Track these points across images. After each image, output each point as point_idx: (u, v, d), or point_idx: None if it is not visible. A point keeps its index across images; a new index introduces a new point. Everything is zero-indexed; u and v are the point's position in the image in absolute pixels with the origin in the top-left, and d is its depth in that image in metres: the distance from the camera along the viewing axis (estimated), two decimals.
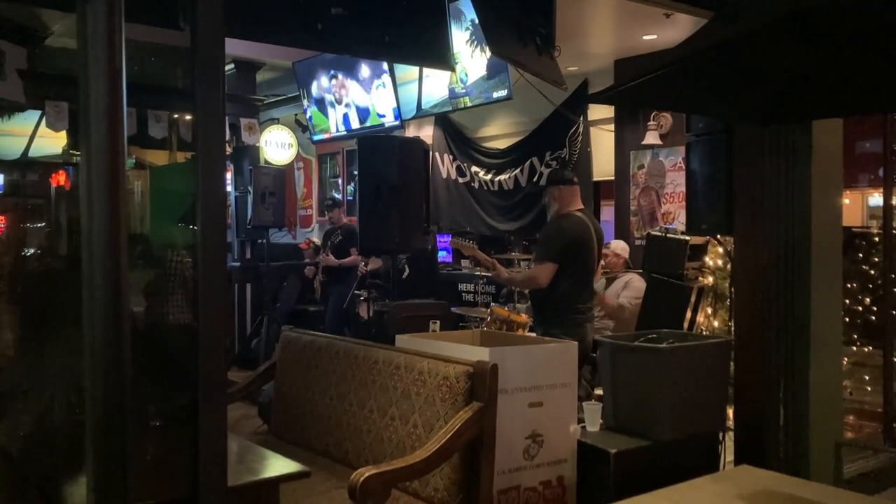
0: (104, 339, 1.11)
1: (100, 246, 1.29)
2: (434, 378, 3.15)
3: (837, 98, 2.57)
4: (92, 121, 1.35)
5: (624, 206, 6.52)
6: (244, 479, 2.68)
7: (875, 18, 2.02)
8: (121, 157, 1.40)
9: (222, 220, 1.96)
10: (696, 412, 3.40)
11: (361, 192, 4.32)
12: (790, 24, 1.98)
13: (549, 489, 3.29)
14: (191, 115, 2.11)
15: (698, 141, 3.80)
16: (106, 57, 1.38)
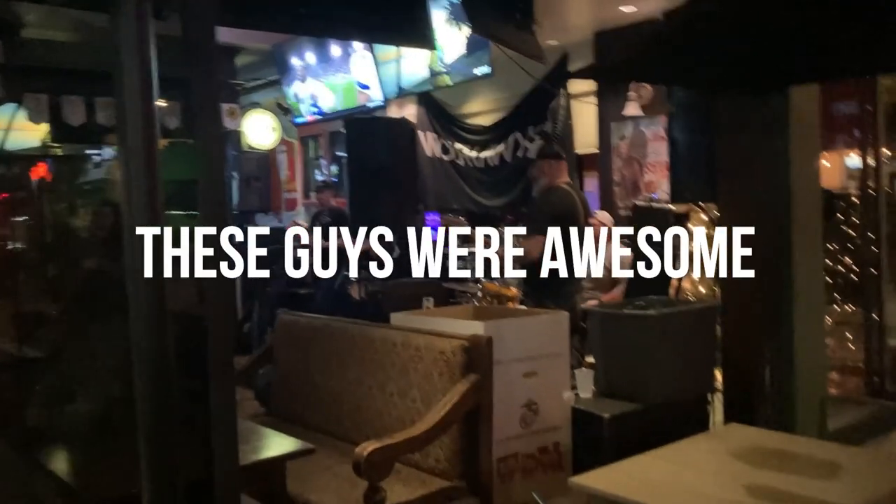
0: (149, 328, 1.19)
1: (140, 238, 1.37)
2: (431, 353, 3.23)
3: (814, 64, 2.64)
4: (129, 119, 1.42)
5: (607, 178, 6.60)
6: (250, 458, 2.76)
7: None
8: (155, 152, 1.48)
9: (224, 205, 2.01)
10: (684, 375, 3.51)
11: (351, 173, 4.37)
12: None
13: (545, 455, 3.40)
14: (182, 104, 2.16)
15: (679, 111, 3.87)
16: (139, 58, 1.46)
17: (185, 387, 2.40)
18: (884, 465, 2.87)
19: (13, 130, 9.39)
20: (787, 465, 2.65)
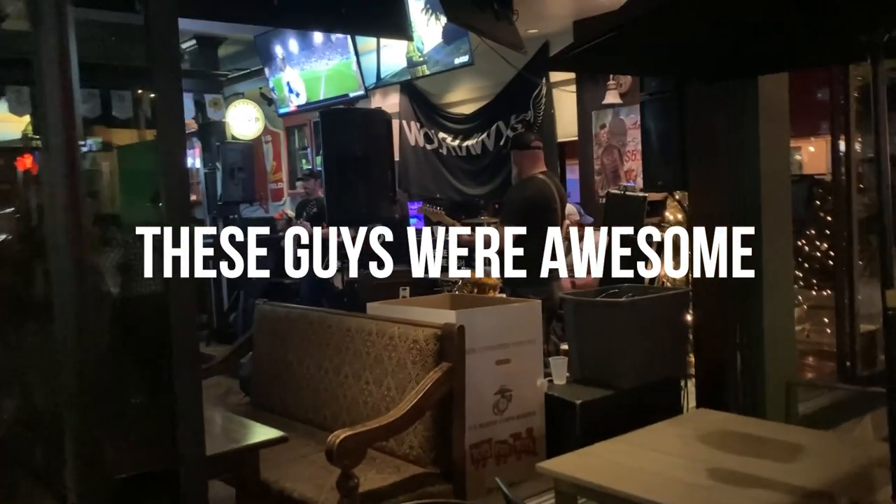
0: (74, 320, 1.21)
1: (62, 228, 1.38)
2: (405, 342, 3.27)
3: (780, 52, 2.68)
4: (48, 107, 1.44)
5: (588, 166, 6.65)
6: (226, 447, 2.79)
7: None
8: (75, 141, 1.50)
9: (186, 195, 2.03)
10: (656, 361, 3.56)
11: (326, 164, 4.40)
12: None
13: (519, 441, 3.44)
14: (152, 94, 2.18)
15: (651, 99, 3.90)
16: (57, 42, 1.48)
17: (150, 377, 2.44)
18: (847, 448, 2.93)
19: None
20: (752, 449, 2.70)
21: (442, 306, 3.67)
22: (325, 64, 7.91)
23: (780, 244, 3.62)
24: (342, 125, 4.27)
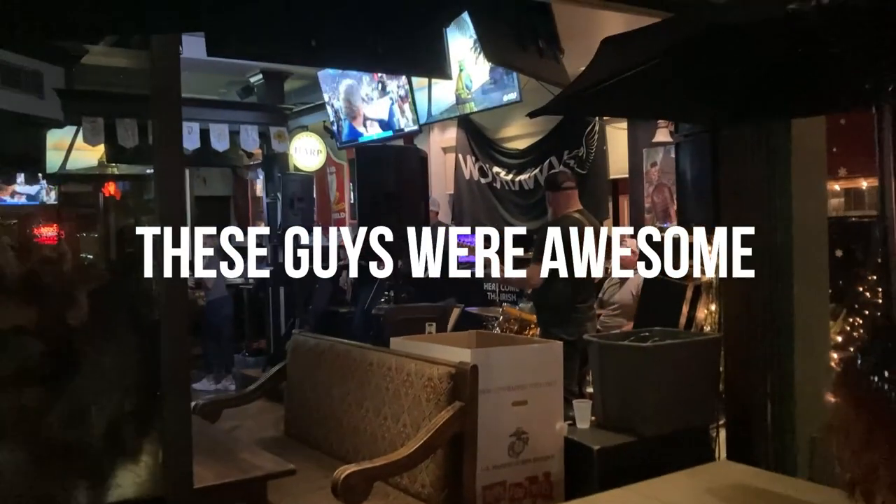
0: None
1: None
2: (420, 379, 3.29)
3: (787, 100, 2.62)
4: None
5: (638, 203, 6.56)
6: (233, 476, 2.86)
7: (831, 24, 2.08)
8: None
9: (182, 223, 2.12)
10: (682, 408, 3.47)
11: (360, 200, 4.49)
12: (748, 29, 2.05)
13: (535, 485, 3.39)
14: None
15: (686, 141, 3.86)
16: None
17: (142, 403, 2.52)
18: None
19: (77, 150, 9.89)
20: None
21: (464, 344, 3.66)
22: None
23: (814, 291, 3.49)
24: (376, 162, 4.36)
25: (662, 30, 2.17)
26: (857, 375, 1.12)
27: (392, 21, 4.09)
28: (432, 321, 4.13)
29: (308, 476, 3.42)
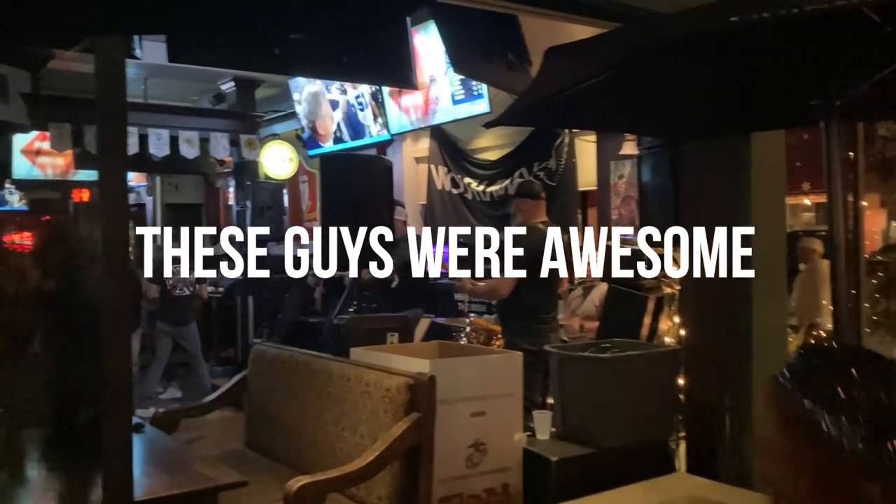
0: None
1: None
2: (378, 390, 3.26)
3: (740, 116, 2.64)
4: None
5: (606, 215, 6.59)
6: (184, 487, 2.80)
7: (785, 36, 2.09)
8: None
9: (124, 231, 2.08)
10: (642, 420, 3.46)
11: (324, 208, 4.46)
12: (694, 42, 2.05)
13: (493, 496, 3.37)
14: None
15: (648, 153, 3.88)
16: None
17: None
18: None
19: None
20: None
21: (425, 355, 3.64)
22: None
23: (772, 305, 3.51)
24: (341, 171, 4.34)
25: (611, 41, 2.17)
26: (784, 391, 1.11)
27: (357, 31, 4.10)
28: (395, 331, 4.10)
29: (264, 488, 3.37)
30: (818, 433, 1.04)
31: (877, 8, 1.89)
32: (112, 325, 1.99)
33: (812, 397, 1.06)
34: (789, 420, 1.10)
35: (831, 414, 1.03)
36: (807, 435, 1.06)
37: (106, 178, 2.00)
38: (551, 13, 3.32)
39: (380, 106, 7.23)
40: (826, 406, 1.04)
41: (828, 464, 1.03)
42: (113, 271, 2.01)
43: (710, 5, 1.75)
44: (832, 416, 1.03)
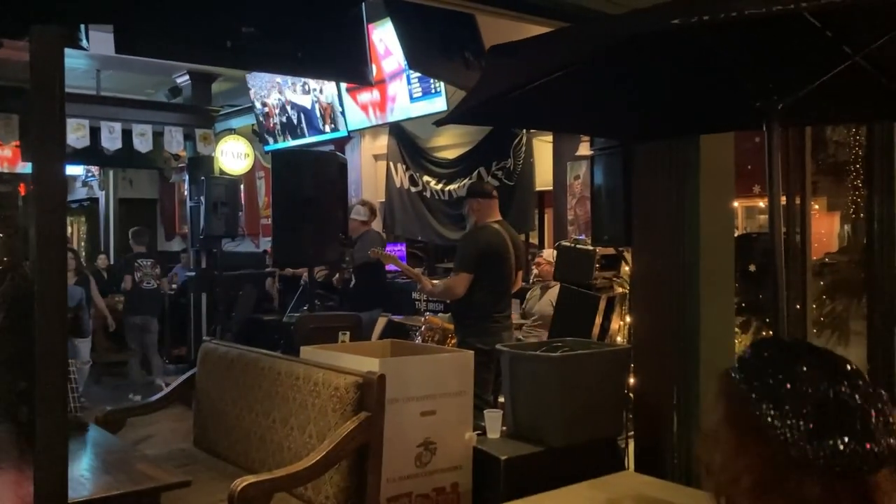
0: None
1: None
2: (327, 389, 3.22)
3: (691, 118, 2.66)
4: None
5: (562, 216, 6.63)
6: (125, 488, 2.75)
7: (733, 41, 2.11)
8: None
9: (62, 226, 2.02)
10: (590, 419, 3.48)
11: (275, 205, 4.41)
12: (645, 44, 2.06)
13: (442, 496, 3.36)
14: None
15: (600, 154, 3.90)
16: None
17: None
18: None
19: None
20: None
21: (377, 354, 3.62)
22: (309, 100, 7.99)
23: (721, 305, 3.56)
24: (294, 167, 4.29)
25: (554, 41, 2.17)
26: (732, 384, 1.12)
27: (312, 25, 4.05)
28: (346, 330, 4.07)
29: (209, 488, 3.32)
30: (763, 427, 1.04)
31: (817, 14, 1.92)
32: (46, 322, 1.94)
33: (759, 390, 1.07)
34: (736, 413, 1.10)
35: (776, 408, 1.03)
36: (752, 429, 1.06)
37: (40, 172, 1.94)
38: (504, 12, 3.32)
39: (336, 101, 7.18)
40: (772, 400, 1.04)
41: (771, 459, 1.03)
42: (47, 268, 1.95)
43: (654, 7, 1.76)
44: (777, 410, 1.03)
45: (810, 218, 4.35)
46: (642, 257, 3.68)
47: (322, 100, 7.60)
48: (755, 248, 5.13)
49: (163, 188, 12.98)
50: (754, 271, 5.90)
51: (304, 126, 8.20)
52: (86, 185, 13.70)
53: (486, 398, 4.18)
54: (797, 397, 1.04)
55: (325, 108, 7.46)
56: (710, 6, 1.62)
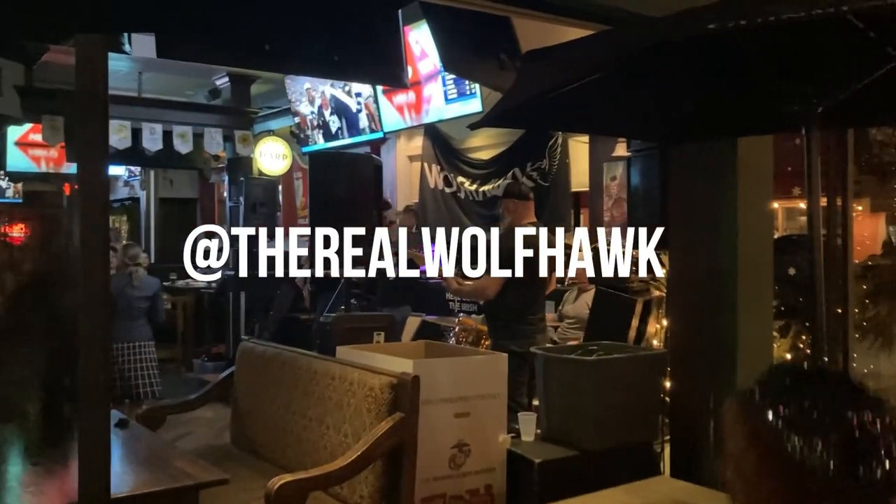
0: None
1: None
2: (362, 389, 3.25)
3: (729, 120, 2.64)
4: None
5: (598, 217, 6.60)
6: (165, 485, 2.80)
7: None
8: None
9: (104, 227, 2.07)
10: (626, 423, 3.46)
11: (312, 206, 4.46)
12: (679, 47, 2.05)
13: (476, 497, 3.37)
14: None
15: (637, 156, 3.88)
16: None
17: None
18: None
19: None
20: None
21: (411, 355, 3.63)
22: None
23: (759, 309, 3.52)
24: (330, 168, 4.34)
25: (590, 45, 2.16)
26: (753, 407, 1.11)
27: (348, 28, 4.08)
28: (381, 330, 4.10)
29: (246, 486, 3.37)
30: (784, 453, 1.04)
31: (860, 15, 1.89)
32: (89, 319, 1.99)
33: (780, 416, 1.06)
34: (757, 436, 1.10)
35: (798, 434, 1.03)
36: (773, 453, 1.06)
37: (85, 173, 1.99)
38: (542, 15, 3.32)
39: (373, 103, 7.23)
40: (793, 427, 1.04)
41: (795, 486, 1.03)
42: (92, 265, 2.00)
43: (691, 10, 1.75)
44: (799, 437, 1.03)
45: (852, 220, 4.27)
46: (679, 260, 3.65)
47: (365, 101, 7.65)
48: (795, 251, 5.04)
49: (202, 188, 13.18)
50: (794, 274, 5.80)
51: (342, 127, 8.27)
52: (127, 185, 13.99)
53: (521, 400, 4.17)
54: (821, 425, 1.03)
55: (368, 109, 7.51)
56: (747, 10, 1.60)
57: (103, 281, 2.05)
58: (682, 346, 3.62)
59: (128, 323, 5.86)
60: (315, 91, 8.60)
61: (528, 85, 2.18)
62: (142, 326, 5.99)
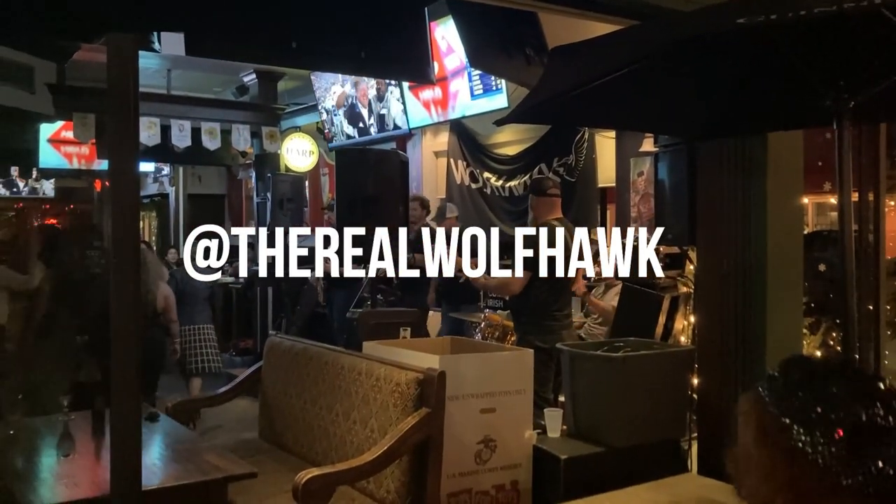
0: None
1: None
2: (389, 384, 3.27)
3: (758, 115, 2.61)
4: None
5: (625, 213, 6.55)
6: (194, 478, 2.84)
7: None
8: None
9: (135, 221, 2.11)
10: (652, 419, 3.44)
11: (339, 202, 4.49)
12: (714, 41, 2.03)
13: (502, 493, 3.38)
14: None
15: (665, 151, 3.85)
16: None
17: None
18: None
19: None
20: None
21: (437, 350, 3.65)
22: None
23: (789, 305, 3.48)
24: (357, 164, 4.36)
25: (619, 40, 2.15)
26: (763, 405, 1.11)
27: (375, 25, 4.10)
28: (407, 326, 4.12)
29: (274, 479, 3.40)
30: (796, 450, 1.03)
31: (894, 7, 1.86)
32: (120, 314, 2.02)
33: (789, 412, 1.05)
34: (767, 435, 1.09)
35: (810, 432, 1.02)
36: (784, 451, 1.05)
37: (116, 169, 2.02)
38: (569, 10, 3.31)
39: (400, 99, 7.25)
40: (802, 422, 1.03)
41: (804, 482, 1.02)
42: (122, 259, 2.03)
43: (721, 6, 1.73)
44: (810, 434, 1.02)
45: (884, 215, 4.20)
46: (707, 256, 3.62)
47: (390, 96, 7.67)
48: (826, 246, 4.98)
49: (230, 184, 13.30)
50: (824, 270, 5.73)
51: (368, 123, 8.30)
52: (157, 181, 14.16)
53: (546, 396, 4.17)
54: (830, 421, 1.02)
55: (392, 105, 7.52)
56: (778, 4, 1.59)
57: (134, 276, 2.09)
58: (710, 343, 3.59)
59: (190, 308, 6.72)
60: (340, 86, 8.63)
61: (555, 81, 2.17)
62: (202, 311, 6.96)
